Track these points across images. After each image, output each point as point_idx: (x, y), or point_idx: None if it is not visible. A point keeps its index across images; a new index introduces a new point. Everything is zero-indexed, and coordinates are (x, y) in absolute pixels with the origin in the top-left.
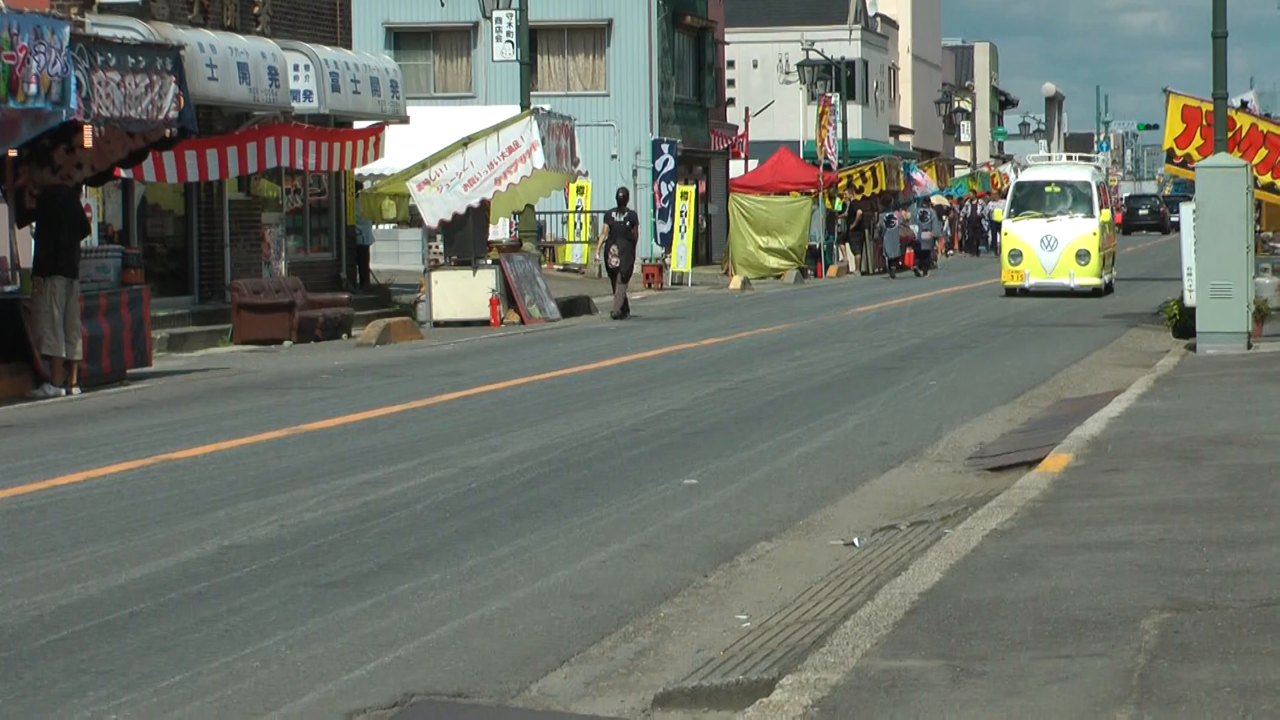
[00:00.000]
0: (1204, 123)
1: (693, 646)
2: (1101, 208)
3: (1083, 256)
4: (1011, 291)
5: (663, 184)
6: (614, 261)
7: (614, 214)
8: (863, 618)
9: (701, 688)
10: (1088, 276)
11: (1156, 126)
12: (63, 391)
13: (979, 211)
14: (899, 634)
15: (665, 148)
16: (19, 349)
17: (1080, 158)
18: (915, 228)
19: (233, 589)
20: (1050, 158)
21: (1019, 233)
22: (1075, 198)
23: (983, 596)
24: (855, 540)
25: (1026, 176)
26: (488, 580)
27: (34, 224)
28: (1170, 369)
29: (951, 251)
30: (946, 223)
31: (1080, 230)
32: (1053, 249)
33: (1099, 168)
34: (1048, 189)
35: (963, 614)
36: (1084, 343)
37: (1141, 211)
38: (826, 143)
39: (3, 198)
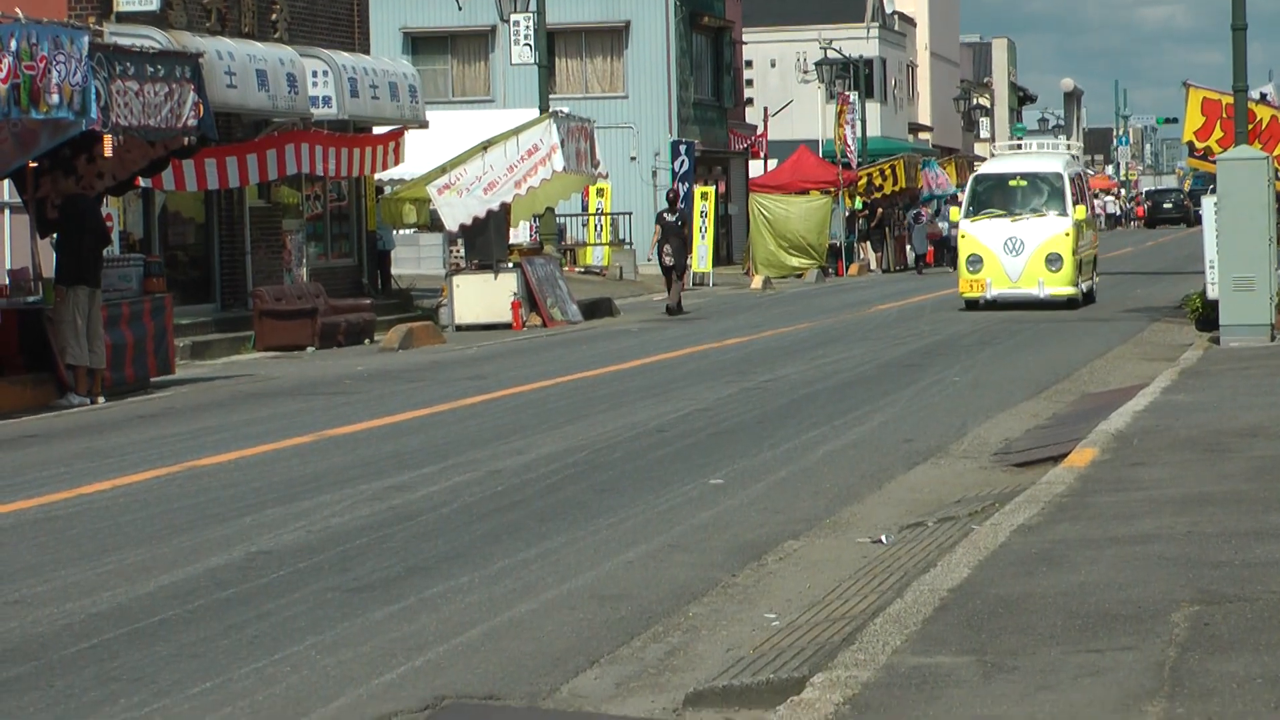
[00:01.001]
0: (1224, 115)
1: (722, 646)
2: (1077, 203)
3: (1054, 261)
4: (972, 304)
5: (680, 185)
6: (668, 260)
7: (666, 214)
8: (892, 615)
9: (732, 687)
10: (1060, 285)
11: (1176, 120)
12: (87, 400)
13: None
14: (929, 630)
15: (683, 149)
16: (43, 359)
17: (1054, 145)
18: (943, 224)
19: (261, 595)
20: (1019, 145)
21: (979, 234)
22: (1045, 192)
23: (1012, 592)
24: (883, 537)
25: (987, 169)
26: (516, 582)
27: (56, 234)
28: (1194, 362)
29: None
30: None
31: (1051, 230)
32: (1018, 253)
33: (1075, 156)
34: (1012, 183)
35: (992, 609)
36: (1107, 337)
37: (1165, 205)
38: (846, 141)
39: (25, 208)
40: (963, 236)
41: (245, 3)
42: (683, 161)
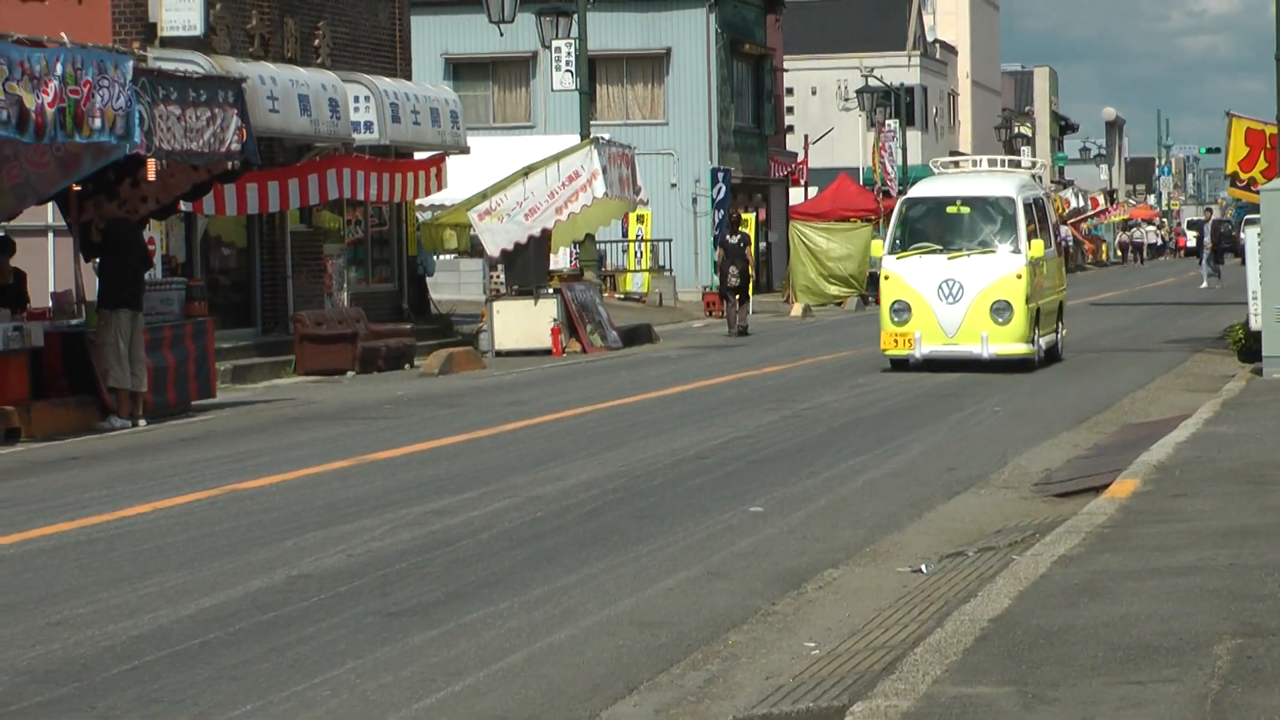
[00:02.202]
0: (1268, 145)
1: (762, 674)
2: (1034, 235)
3: (1001, 311)
4: (899, 364)
5: (717, 212)
6: (733, 281)
7: (728, 237)
8: (932, 644)
9: (772, 714)
10: (1009, 341)
11: (1219, 150)
12: (129, 423)
13: None
14: (969, 660)
15: (720, 176)
16: (85, 381)
17: (1008, 163)
18: None
19: (302, 618)
20: (958, 162)
21: (907, 275)
22: (993, 222)
23: (1053, 623)
24: (923, 567)
25: (920, 191)
26: (555, 609)
27: (99, 257)
28: (1236, 393)
29: None
30: None
31: (998, 271)
32: (956, 299)
33: (1037, 177)
34: (951, 209)
35: (1033, 640)
36: (1148, 368)
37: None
38: (886, 169)
39: (69, 231)
40: (886, 277)
41: (288, 28)
42: (720, 188)
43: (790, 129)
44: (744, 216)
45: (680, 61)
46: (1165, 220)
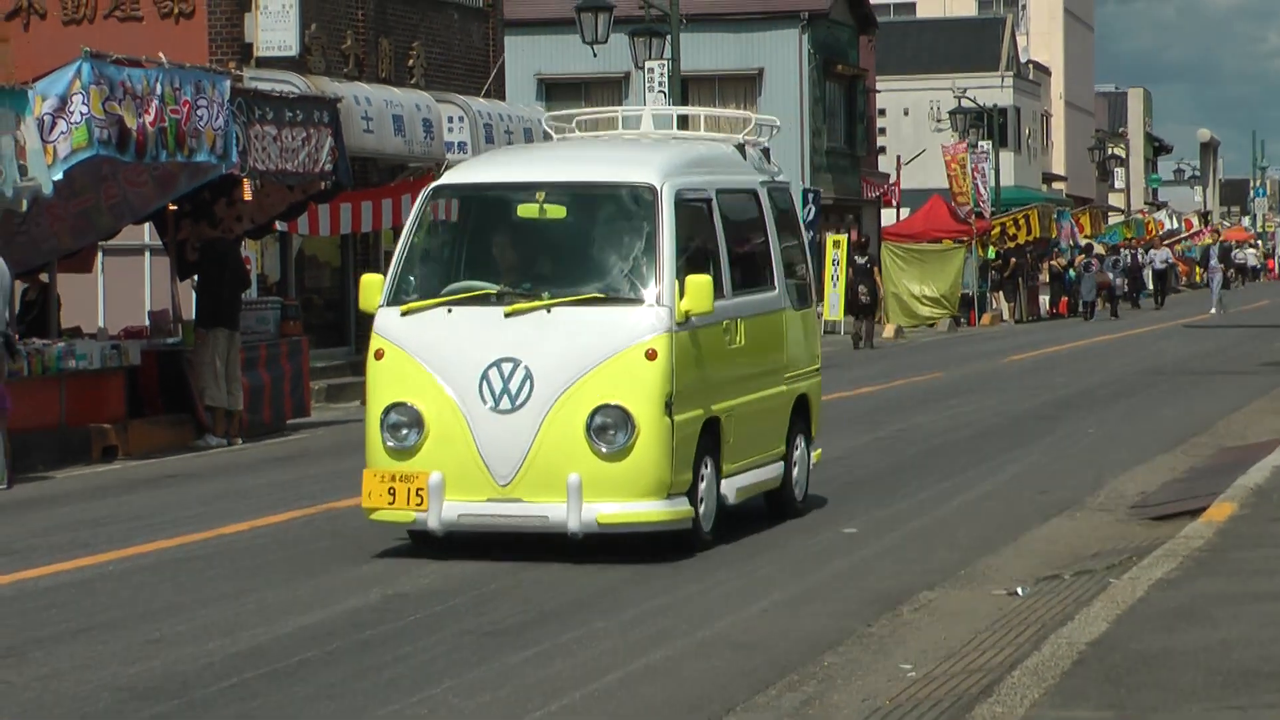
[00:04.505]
0: None
1: (858, 695)
2: (699, 262)
3: (604, 433)
4: (422, 540)
5: (807, 233)
6: (863, 299)
7: (857, 257)
8: (1030, 668)
9: None
10: (625, 495)
11: None
12: (225, 442)
13: (1139, 260)
14: (1067, 684)
15: (810, 197)
16: (182, 400)
17: (716, 121)
18: (1111, 273)
19: (398, 637)
20: (558, 129)
21: (417, 349)
22: (610, 240)
23: (1151, 647)
24: (1019, 589)
25: (466, 175)
26: (650, 629)
27: (196, 276)
28: None
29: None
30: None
31: (608, 344)
32: (516, 402)
33: (742, 148)
34: (523, 210)
35: (1131, 664)
36: (1244, 391)
37: None
38: (979, 189)
39: (165, 250)
40: (377, 354)
41: (383, 48)
42: (810, 209)
43: (882, 150)
44: (834, 238)
45: (773, 82)
46: (1259, 242)
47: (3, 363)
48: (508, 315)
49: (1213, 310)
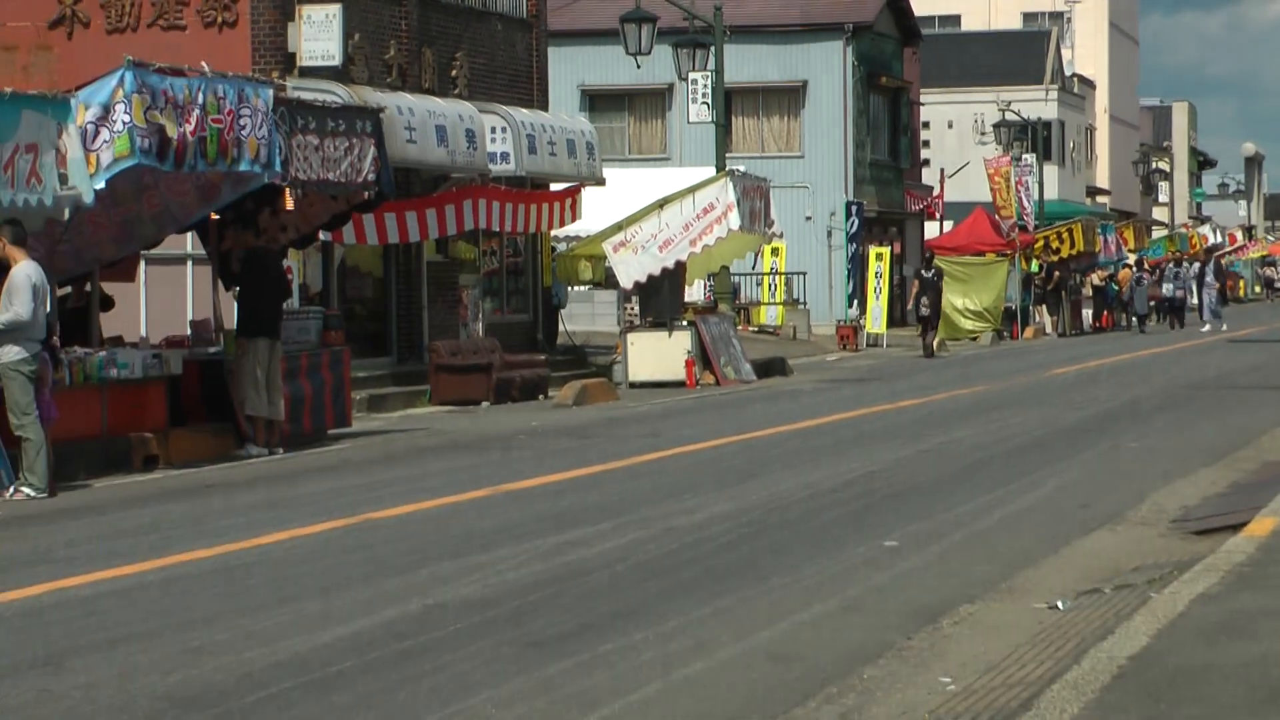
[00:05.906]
0: None
1: (897, 709)
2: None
3: None
4: None
5: (850, 246)
6: (924, 311)
7: (923, 271)
8: (1070, 681)
9: None
10: None
11: None
12: (265, 451)
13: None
14: (1107, 698)
15: (854, 209)
16: (223, 409)
17: None
18: (1168, 286)
19: (437, 647)
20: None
21: None
22: None
23: (1192, 661)
24: (1059, 603)
25: None
26: (690, 640)
27: (238, 286)
28: None
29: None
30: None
31: None
32: None
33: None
34: None
35: (1172, 679)
36: None
37: None
38: (1023, 203)
39: (208, 259)
40: None
41: (426, 59)
42: (854, 222)
43: (926, 163)
44: (877, 250)
45: (817, 94)
46: None
47: (48, 373)
48: None
49: (1206, 327)
